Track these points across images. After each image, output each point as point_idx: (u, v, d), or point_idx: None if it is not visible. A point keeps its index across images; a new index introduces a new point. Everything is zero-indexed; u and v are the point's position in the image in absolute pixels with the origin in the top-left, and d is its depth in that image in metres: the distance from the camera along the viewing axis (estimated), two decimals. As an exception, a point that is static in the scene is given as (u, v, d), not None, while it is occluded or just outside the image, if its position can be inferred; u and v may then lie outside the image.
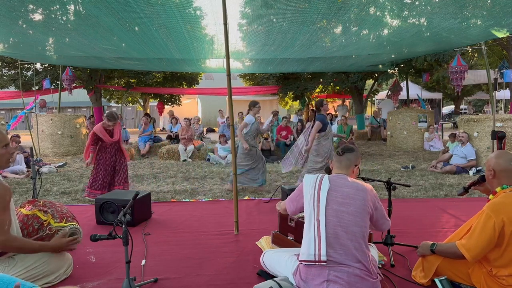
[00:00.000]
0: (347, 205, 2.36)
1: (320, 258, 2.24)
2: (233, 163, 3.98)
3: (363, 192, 2.43)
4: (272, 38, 6.77)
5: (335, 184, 2.44)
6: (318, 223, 2.33)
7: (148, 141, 10.95)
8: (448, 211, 4.69)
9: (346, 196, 2.39)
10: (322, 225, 2.31)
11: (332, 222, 2.32)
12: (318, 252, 2.26)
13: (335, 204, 2.37)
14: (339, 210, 2.35)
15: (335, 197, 2.40)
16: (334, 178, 2.49)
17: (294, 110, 23.83)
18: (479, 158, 7.65)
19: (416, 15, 5.93)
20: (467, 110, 25.59)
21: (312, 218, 2.38)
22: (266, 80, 17.31)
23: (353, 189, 2.42)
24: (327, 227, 2.31)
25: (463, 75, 9.41)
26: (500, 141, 5.41)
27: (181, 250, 3.49)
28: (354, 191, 2.42)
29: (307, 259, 2.29)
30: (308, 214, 2.42)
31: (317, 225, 2.33)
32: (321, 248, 2.26)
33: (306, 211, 2.45)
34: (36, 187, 4.07)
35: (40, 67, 15.25)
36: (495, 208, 2.32)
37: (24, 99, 12.17)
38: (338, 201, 2.38)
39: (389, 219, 2.66)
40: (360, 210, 2.37)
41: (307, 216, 2.42)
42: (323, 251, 2.25)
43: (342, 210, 2.35)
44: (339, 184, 2.45)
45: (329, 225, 2.32)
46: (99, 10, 5.22)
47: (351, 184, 2.45)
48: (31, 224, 2.74)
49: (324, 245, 2.26)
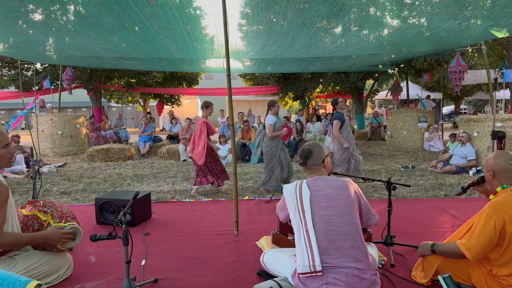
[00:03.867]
0: (333, 208, 2.35)
1: (316, 269, 2.23)
2: (233, 163, 3.98)
3: (345, 189, 2.42)
4: (272, 38, 6.78)
5: (315, 189, 2.42)
6: (308, 233, 2.31)
7: (148, 141, 10.94)
8: (448, 211, 4.69)
9: (329, 198, 2.37)
10: (312, 235, 2.30)
11: (322, 228, 2.31)
12: (312, 263, 2.24)
13: (321, 210, 2.35)
14: (326, 215, 2.33)
15: (318, 202, 2.37)
16: (312, 183, 2.46)
17: (294, 111, 23.83)
18: (479, 158, 7.65)
19: (416, 15, 5.93)
20: (467, 110, 25.60)
21: (300, 229, 2.36)
22: (266, 80, 17.30)
23: (334, 189, 2.41)
24: (318, 235, 2.29)
25: (462, 75, 9.40)
26: (500, 141, 5.40)
27: (181, 250, 3.49)
28: (335, 191, 2.40)
29: (303, 271, 2.28)
30: (296, 226, 2.40)
31: (307, 235, 2.31)
32: (315, 258, 2.24)
33: (294, 223, 2.43)
34: (36, 187, 4.07)
35: (40, 67, 15.25)
36: (496, 207, 2.32)
37: (24, 99, 12.17)
38: (322, 206, 2.36)
39: (376, 214, 2.62)
40: (347, 208, 2.36)
41: (296, 228, 2.40)
42: (317, 261, 2.23)
43: (329, 214, 2.33)
44: (319, 187, 2.43)
45: (319, 232, 2.30)
46: (99, 10, 5.23)
47: (331, 185, 2.43)
48: (31, 225, 2.74)
49: (317, 254, 2.25)
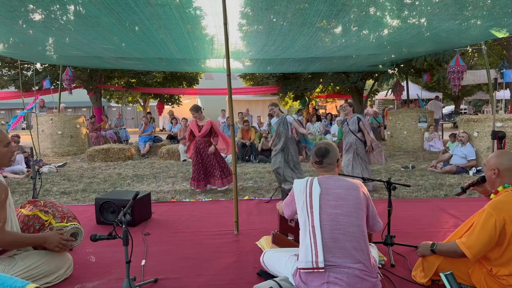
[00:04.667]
0: (341, 207, 2.35)
1: (318, 265, 2.23)
2: (233, 163, 3.98)
3: (355, 190, 2.42)
4: (272, 38, 6.77)
5: (326, 187, 2.43)
6: (314, 230, 2.31)
7: (148, 141, 10.94)
8: (448, 211, 4.69)
9: (339, 197, 2.38)
10: (317, 231, 2.30)
11: (328, 226, 2.31)
12: (315, 259, 2.24)
13: (329, 208, 2.36)
14: (334, 213, 2.34)
15: (328, 200, 2.38)
16: (323, 181, 2.47)
17: (294, 111, 23.79)
18: (479, 158, 7.65)
19: (416, 16, 5.93)
20: (467, 110, 25.60)
21: (307, 225, 2.36)
22: (266, 80, 17.29)
23: (344, 189, 2.41)
24: (323, 232, 2.30)
25: (462, 75, 9.39)
26: (500, 141, 5.41)
27: (181, 250, 3.49)
28: (345, 191, 2.40)
29: (305, 266, 2.28)
30: (302, 221, 2.41)
31: (313, 231, 2.31)
32: (318, 254, 2.24)
33: (300, 218, 2.43)
34: (36, 187, 4.07)
35: (40, 67, 15.24)
36: (496, 206, 2.32)
37: (24, 99, 12.17)
38: (331, 205, 2.36)
39: (381, 221, 2.62)
40: (355, 209, 2.36)
41: (302, 224, 2.41)
42: (320, 258, 2.23)
43: (337, 213, 2.34)
44: (330, 186, 2.43)
45: (325, 230, 2.30)
46: (99, 10, 5.23)
47: (341, 184, 2.44)
48: (32, 225, 2.74)
49: (321, 251, 2.25)
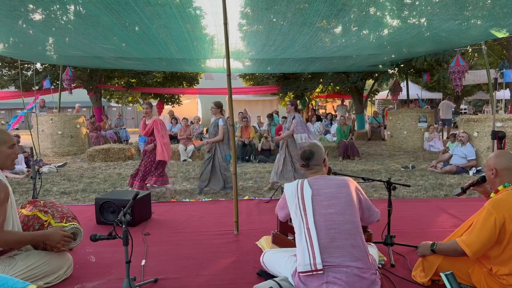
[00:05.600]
0: (334, 206, 2.36)
1: (316, 267, 2.23)
2: (233, 163, 3.98)
3: (345, 187, 2.44)
4: (272, 38, 6.77)
5: (317, 188, 2.44)
6: (309, 232, 2.32)
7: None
8: (448, 211, 4.69)
9: (331, 197, 2.39)
10: (313, 233, 2.30)
11: (323, 227, 2.32)
12: (313, 261, 2.25)
13: (322, 208, 2.37)
14: (327, 213, 2.35)
15: (320, 201, 2.39)
16: (314, 182, 2.48)
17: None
18: (479, 158, 7.65)
19: (416, 16, 5.93)
20: (467, 110, 25.61)
21: (302, 228, 2.37)
22: (266, 80, 17.29)
23: (335, 187, 2.43)
24: (319, 233, 2.30)
25: (463, 75, 9.40)
26: (500, 141, 5.40)
27: (181, 250, 3.49)
28: (336, 189, 2.42)
29: (303, 269, 2.28)
30: (297, 224, 2.41)
31: (308, 233, 2.32)
32: (316, 256, 2.25)
33: (295, 222, 2.44)
34: (36, 187, 4.07)
35: (40, 67, 15.24)
36: (496, 204, 2.32)
37: (24, 99, 12.17)
38: (324, 205, 2.37)
39: (378, 210, 2.63)
40: (348, 206, 2.37)
41: (297, 227, 2.41)
42: (318, 259, 2.24)
43: (331, 212, 2.35)
44: (321, 186, 2.45)
45: (320, 231, 2.31)
46: (99, 9, 5.23)
47: (332, 183, 2.46)
48: (31, 225, 2.74)
49: (318, 253, 2.25)
